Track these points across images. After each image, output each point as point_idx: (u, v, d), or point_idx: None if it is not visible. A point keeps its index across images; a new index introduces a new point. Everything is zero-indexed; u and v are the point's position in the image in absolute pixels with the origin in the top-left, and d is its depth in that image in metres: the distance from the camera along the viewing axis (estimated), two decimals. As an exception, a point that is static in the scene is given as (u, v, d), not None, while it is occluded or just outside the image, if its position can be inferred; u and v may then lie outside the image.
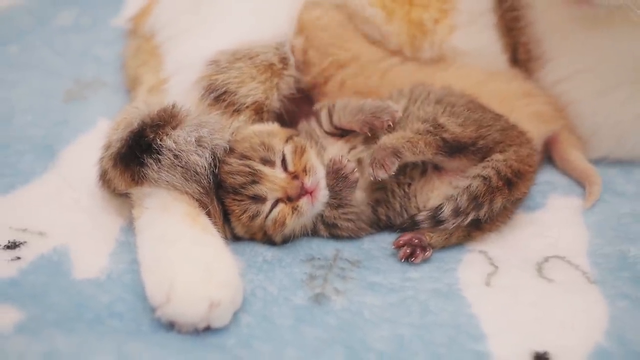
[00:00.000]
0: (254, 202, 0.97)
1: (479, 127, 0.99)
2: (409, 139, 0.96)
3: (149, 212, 0.97)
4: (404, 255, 0.97)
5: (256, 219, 0.98)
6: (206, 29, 1.17)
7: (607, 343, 0.83)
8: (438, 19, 1.20)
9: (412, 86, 1.10)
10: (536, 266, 0.97)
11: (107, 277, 0.94)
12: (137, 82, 1.28)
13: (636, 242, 0.99)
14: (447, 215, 0.94)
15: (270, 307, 0.91)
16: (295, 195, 0.96)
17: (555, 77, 1.15)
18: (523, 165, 0.99)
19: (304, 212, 0.97)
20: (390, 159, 0.94)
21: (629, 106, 1.12)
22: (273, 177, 0.97)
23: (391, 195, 1.02)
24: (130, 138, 0.99)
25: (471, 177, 0.96)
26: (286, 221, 0.97)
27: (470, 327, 0.87)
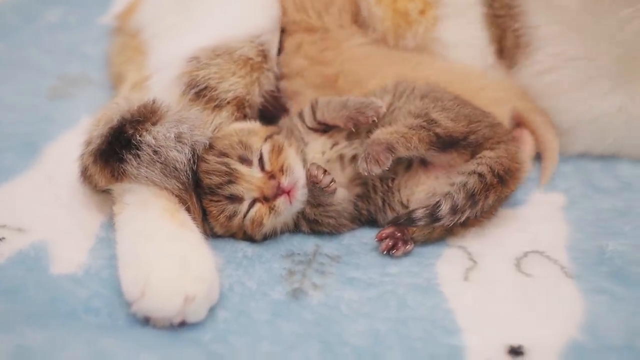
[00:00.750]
0: (231, 202, 0.97)
1: (469, 122, 1.00)
2: (402, 134, 0.96)
3: (128, 208, 0.98)
4: (386, 248, 0.97)
5: (234, 219, 0.98)
6: (189, 26, 1.18)
7: (581, 337, 0.83)
8: (423, 10, 1.20)
9: (395, 82, 1.10)
10: (515, 261, 0.97)
11: (85, 273, 0.94)
12: (121, 78, 1.29)
13: (615, 237, 0.99)
14: (445, 212, 0.94)
15: (248, 302, 0.91)
16: (272, 195, 0.96)
17: (541, 67, 1.14)
18: (513, 162, 0.99)
19: (281, 211, 0.97)
20: (385, 154, 0.94)
21: (610, 99, 1.12)
22: (249, 177, 0.97)
23: (372, 190, 1.02)
24: (110, 134, 1.00)
25: (466, 173, 0.96)
26: (263, 221, 0.97)
27: (447, 322, 0.87)
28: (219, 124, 1.07)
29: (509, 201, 1.07)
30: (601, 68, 1.11)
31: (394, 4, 1.20)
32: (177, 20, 1.21)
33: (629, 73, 1.11)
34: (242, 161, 0.98)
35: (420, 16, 1.19)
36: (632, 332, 0.83)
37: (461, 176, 0.97)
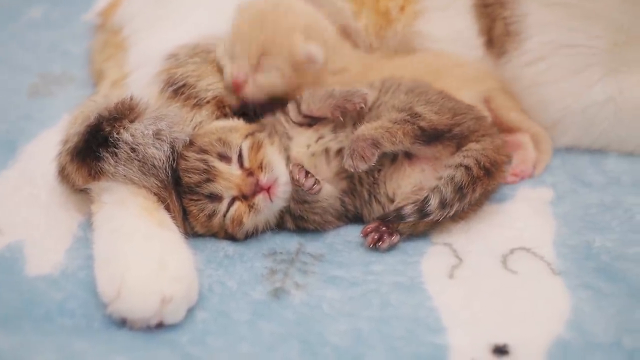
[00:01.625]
0: (211, 201, 0.96)
1: (454, 115, 0.99)
2: (387, 129, 0.94)
3: (106, 207, 0.96)
4: (372, 241, 0.96)
5: (214, 218, 0.96)
6: (169, 23, 1.16)
7: (568, 334, 0.81)
8: (403, 6, 1.18)
9: (382, 79, 1.09)
10: (501, 258, 0.95)
11: (60, 273, 0.91)
12: (102, 76, 1.27)
13: (602, 233, 0.98)
14: (434, 207, 0.93)
15: (228, 302, 0.89)
16: (250, 193, 0.95)
17: (532, 55, 1.13)
18: (499, 155, 0.99)
19: (261, 209, 0.95)
20: (370, 149, 0.93)
21: (599, 89, 1.10)
22: (228, 175, 0.95)
23: (359, 183, 1.01)
24: (87, 132, 0.98)
25: (453, 166, 0.95)
26: (243, 220, 0.95)
27: (430, 320, 0.85)
28: (199, 122, 1.05)
29: (495, 196, 1.06)
30: (593, 56, 1.09)
31: (376, 5, 1.19)
32: (158, 16, 1.20)
33: (620, 62, 1.09)
34: (221, 158, 0.96)
35: (400, 13, 1.18)
36: (619, 329, 0.81)
37: (448, 169, 0.95)
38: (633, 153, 1.13)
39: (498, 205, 1.05)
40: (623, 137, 1.12)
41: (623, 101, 1.10)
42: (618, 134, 1.12)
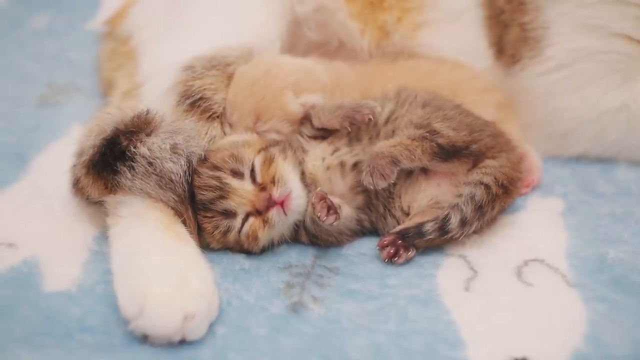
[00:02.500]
0: (225, 217, 0.96)
1: (471, 132, 1.00)
2: (406, 147, 0.95)
3: (123, 221, 0.96)
4: (388, 256, 0.96)
5: (229, 234, 0.97)
6: (182, 34, 1.16)
7: (586, 347, 0.83)
8: (401, 17, 1.19)
9: (397, 90, 1.09)
10: (516, 270, 0.96)
11: (78, 289, 0.92)
12: (112, 86, 1.26)
13: (615, 244, 0.99)
14: (455, 225, 0.94)
15: (246, 316, 0.89)
16: (264, 208, 0.95)
17: (552, 63, 1.13)
18: (515, 172, 1.00)
19: (275, 223, 0.96)
20: (390, 167, 0.94)
21: (614, 96, 1.12)
22: (241, 191, 0.96)
23: (374, 197, 1.01)
24: (103, 145, 0.98)
25: (472, 184, 0.96)
26: (258, 235, 0.96)
27: (449, 334, 0.86)
28: (214, 135, 1.05)
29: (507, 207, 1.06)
30: (617, 63, 1.11)
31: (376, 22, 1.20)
32: (169, 26, 1.19)
33: (636, 70, 1.11)
34: (234, 174, 0.97)
35: (397, 25, 1.19)
36: (636, 341, 0.82)
37: (468, 187, 0.96)
38: None
39: (510, 216, 1.06)
40: (634, 146, 1.13)
41: (636, 109, 1.11)
42: (629, 143, 1.13)
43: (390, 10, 1.19)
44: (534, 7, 1.13)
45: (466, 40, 1.19)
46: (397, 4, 1.19)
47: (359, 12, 1.21)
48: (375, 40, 1.21)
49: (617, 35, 1.10)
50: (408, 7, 1.19)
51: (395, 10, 1.19)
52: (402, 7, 1.19)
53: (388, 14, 1.19)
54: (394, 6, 1.19)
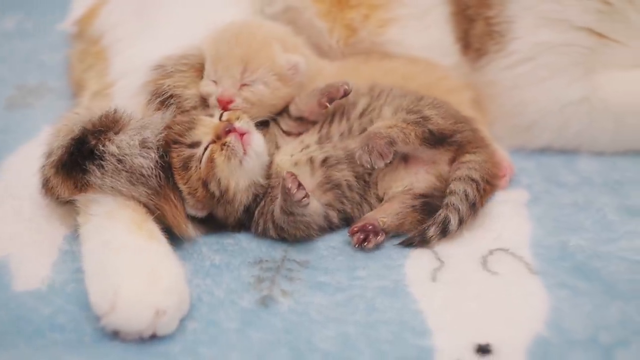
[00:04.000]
0: (191, 148, 0.99)
1: (456, 122, 1.03)
2: (402, 129, 0.98)
3: (94, 219, 0.96)
4: (358, 241, 0.98)
5: (191, 163, 0.98)
6: (153, 33, 1.17)
7: (547, 332, 0.85)
8: (368, 14, 1.21)
9: (369, 85, 1.11)
10: (481, 259, 0.98)
11: (48, 288, 0.92)
12: (82, 86, 1.27)
13: (577, 232, 1.01)
14: (455, 226, 0.98)
15: (217, 311, 0.90)
16: (223, 132, 0.98)
17: (517, 57, 1.15)
18: (494, 167, 1.04)
19: (235, 150, 0.97)
20: (388, 147, 0.96)
21: (576, 88, 1.14)
22: (207, 122, 1.00)
23: (348, 189, 1.03)
24: (71, 145, 0.99)
25: (462, 180, 0.99)
26: (215, 158, 0.97)
27: (415, 323, 0.88)
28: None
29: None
30: (576, 55, 1.13)
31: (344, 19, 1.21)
32: (140, 26, 1.20)
33: (598, 64, 1.13)
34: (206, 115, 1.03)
35: (364, 22, 1.21)
36: (595, 326, 0.85)
37: (459, 183, 0.99)
38: (604, 153, 1.16)
39: (476, 207, 1.09)
40: (595, 138, 1.16)
41: (596, 101, 1.14)
42: (590, 134, 1.16)
43: (357, 8, 1.21)
44: (498, 2, 1.15)
45: (433, 36, 1.21)
46: (364, 2, 1.21)
47: (327, 10, 1.23)
48: (343, 38, 1.22)
49: (579, 28, 1.12)
50: (375, 5, 1.20)
51: (362, 7, 1.21)
52: (369, 4, 1.20)
53: (355, 12, 1.21)
54: (361, 4, 1.21)
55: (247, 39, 1.06)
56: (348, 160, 1.02)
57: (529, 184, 1.13)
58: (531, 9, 1.13)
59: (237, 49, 1.06)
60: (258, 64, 1.06)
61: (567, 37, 1.13)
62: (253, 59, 1.06)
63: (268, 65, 1.06)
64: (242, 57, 1.05)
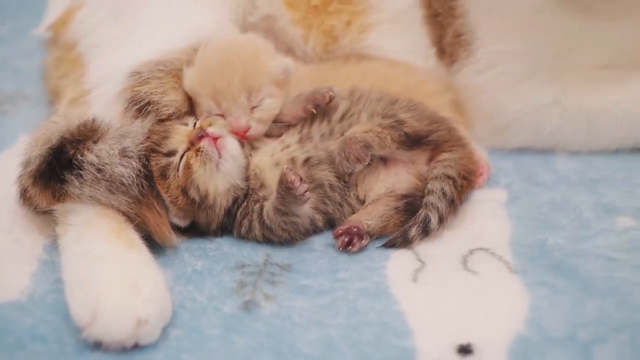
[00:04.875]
0: (168, 157, 1.00)
1: (431, 122, 1.06)
2: (377, 134, 1.00)
3: (73, 229, 0.96)
4: (342, 244, 0.99)
5: (169, 171, 0.99)
6: (130, 40, 1.16)
7: (527, 331, 0.86)
8: (350, 21, 1.21)
9: (348, 89, 1.12)
10: (461, 259, 0.99)
11: (29, 299, 0.92)
12: (58, 94, 1.25)
13: (554, 231, 1.02)
14: (436, 224, 0.99)
15: (200, 318, 0.90)
16: (196, 138, 0.99)
17: (483, 64, 1.17)
18: (472, 164, 1.06)
19: (208, 155, 0.98)
20: (364, 150, 0.98)
21: (545, 92, 1.16)
22: (182, 130, 1.01)
23: (330, 189, 1.03)
24: (49, 154, 0.98)
25: (439, 179, 1.01)
26: (191, 164, 0.98)
27: (397, 324, 0.88)
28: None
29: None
30: (540, 62, 1.14)
31: (322, 25, 1.21)
32: (116, 32, 1.19)
33: (564, 68, 1.14)
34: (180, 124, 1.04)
35: (346, 29, 1.21)
36: (573, 323, 0.86)
37: (436, 182, 1.01)
38: (580, 152, 1.18)
39: (456, 207, 1.10)
40: (569, 138, 1.18)
41: (567, 104, 1.16)
42: (565, 135, 1.17)
43: (338, 14, 1.21)
44: (462, 11, 1.17)
45: (410, 40, 1.22)
46: (345, 8, 1.21)
47: (302, 17, 1.23)
48: (321, 45, 1.22)
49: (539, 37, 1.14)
50: (356, 11, 1.21)
51: (343, 14, 1.21)
52: (351, 10, 1.21)
53: (335, 19, 1.21)
54: (342, 10, 1.21)
55: (238, 64, 1.05)
56: (329, 161, 1.03)
57: (507, 183, 1.15)
58: (491, 19, 1.15)
59: (235, 79, 1.05)
60: (259, 82, 1.05)
61: (528, 47, 1.14)
62: (253, 81, 1.05)
63: (267, 79, 1.06)
64: (243, 83, 1.05)
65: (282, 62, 1.08)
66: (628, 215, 1.04)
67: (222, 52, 1.08)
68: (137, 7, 1.20)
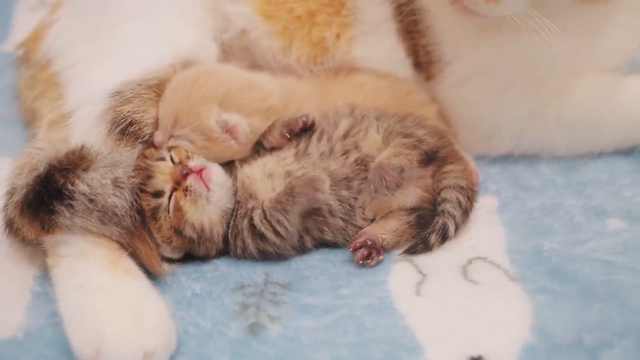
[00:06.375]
0: (156, 198, 0.98)
1: (440, 137, 1.08)
2: (406, 156, 1.02)
3: (65, 261, 0.93)
4: (362, 257, 0.99)
5: (159, 213, 0.98)
6: (107, 58, 1.12)
7: (534, 339, 0.87)
8: (339, 34, 1.21)
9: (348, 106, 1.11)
10: (461, 269, 1.00)
11: (25, 335, 0.89)
12: (35, 116, 1.21)
13: (548, 236, 1.04)
14: (453, 232, 1.02)
15: (206, 344, 0.89)
16: (180, 176, 0.98)
17: (454, 79, 1.19)
18: (472, 175, 1.08)
19: (198, 191, 0.97)
20: (400, 176, 1.00)
21: (524, 103, 1.17)
22: (163, 167, 0.99)
23: (330, 215, 1.02)
24: (37, 183, 0.95)
25: (453, 189, 1.03)
26: (182, 205, 0.97)
27: (406, 339, 0.88)
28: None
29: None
30: (512, 76, 1.16)
31: (309, 35, 1.20)
32: (93, 50, 1.16)
33: (538, 79, 1.16)
34: (158, 159, 1.02)
35: (336, 41, 1.21)
36: (578, 329, 0.88)
37: (450, 191, 1.03)
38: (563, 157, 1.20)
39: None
40: (552, 146, 1.19)
41: (546, 114, 1.17)
42: (547, 143, 1.19)
43: (327, 26, 1.20)
44: (425, 27, 1.18)
45: (387, 50, 1.22)
46: (334, 20, 1.20)
47: (282, 29, 1.21)
48: (308, 56, 1.21)
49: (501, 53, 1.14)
50: (345, 23, 1.20)
51: (333, 26, 1.20)
52: (340, 23, 1.20)
53: (326, 30, 1.20)
54: (330, 22, 1.20)
55: (185, 94, 1.04)
56: (331, 182, 1.01)
57: (496, 189, 1.16)
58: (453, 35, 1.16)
59: (173, 102, 1.05)
60: (185, 122, 1.04)
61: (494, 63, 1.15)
62: (182, 117, 1.04)
63: (196, 127, 1.03)
64: (174, 112, 1.04)
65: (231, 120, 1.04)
66: (617, 217, 1.07)
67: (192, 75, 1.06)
68: (114, 25, 1.17)
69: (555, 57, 1.06)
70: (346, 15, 1.20)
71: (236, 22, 1.23)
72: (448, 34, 1.17)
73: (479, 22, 1.09)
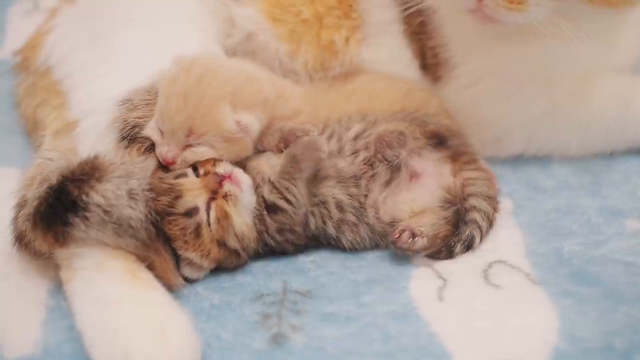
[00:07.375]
0: (189, 217, 0.95)
1: (447, 129, 1.08)
2: (406, 127, 1.03)
3: (81, 274, 0.91)
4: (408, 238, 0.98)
5: (201, 231, 0.95)
6: (115, 66, 1.10)
7: (563, 344, 0.86)
8: (348, 37, 1.20)
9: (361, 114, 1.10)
10: (482, 273, 0.99)
11: (43, 352, 0.86)
12: (38, 125, 1.19)
13: (567, 238, 1.03)
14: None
15: (230, 356, 0.87)
16: (217, 184, 0.96)
17: (463, 80, 1.18)
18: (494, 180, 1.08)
19: (236, 194, 0.96)
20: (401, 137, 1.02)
21: (536, 104, 1.16)
22: (190, 184, 0.96)
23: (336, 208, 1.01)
24: (49, 195, 0.92)
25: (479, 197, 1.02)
26: (227, 210, 0.95)
27: (434, 347, 0.87)
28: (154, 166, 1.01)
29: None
30: (522, 78, 1.15)
31: (318, 38, 1.19)
32: (96, 57, 1.13)
33: (550, 80, 1.15)
34: (177, 177, 0.98)
35: (346, 45, 1.19)
36: (607, 332, 0.87)
37: (478, 199, 1.02)
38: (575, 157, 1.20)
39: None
40: (564, 146, 1.18)
41: (557, 114, 1.16)
42: (559, 144, 1.18)
43: (337, 29, 1.19)
44: (433, 29, 1.17)
45: (394, 51, 1.21)
46: (343, 23, 1.19)
47: (289, 32, 1.19)
48: (317, 60, 1.19)
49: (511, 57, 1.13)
50: (353, 26, 1.19)
51: (342, 29, 1.19)
52: (350, 25, 1.19)
53: (336, 34, 1.18)
54: (339, 25, 1.19)
55: (196, 101, 0.99)
56: (338, 179, 1.01)
57: (509, 191, 1.15)
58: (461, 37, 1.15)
59: (183, 112, 0.99)
60: (204, 130, 1.00)
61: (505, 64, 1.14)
62: (199, 126, 0.99)
63: (214, 131, 1.00)
64: (187, 121, 0.99)
65: (243, 120, 1.01)
66: (634, 217, 1.06)
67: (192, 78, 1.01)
68: (117, 31, 1.15)
69: (571, 59, 1.05)
70: (355, 17, 1.19)
71: (242, 25, 1.21)
72: (457, 35, 1.16)
73: (498, 29, 1.08)
